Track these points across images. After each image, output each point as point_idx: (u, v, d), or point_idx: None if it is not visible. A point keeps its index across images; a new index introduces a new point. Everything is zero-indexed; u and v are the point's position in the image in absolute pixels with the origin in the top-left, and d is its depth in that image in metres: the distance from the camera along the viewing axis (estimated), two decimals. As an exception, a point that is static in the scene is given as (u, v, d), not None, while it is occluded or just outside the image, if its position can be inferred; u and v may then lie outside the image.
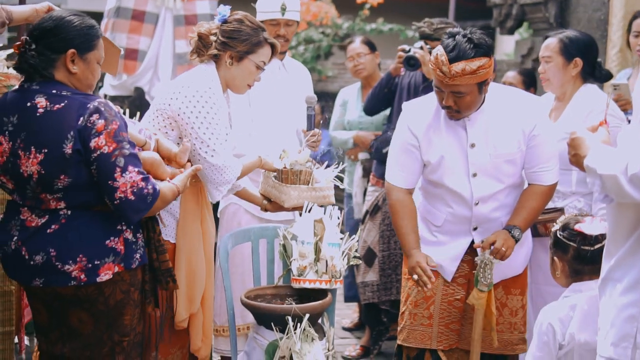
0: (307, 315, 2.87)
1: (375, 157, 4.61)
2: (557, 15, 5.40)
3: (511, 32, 6.09)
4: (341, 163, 3.47)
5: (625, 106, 3.56)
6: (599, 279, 2.25)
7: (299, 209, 3.28)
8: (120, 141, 2.48)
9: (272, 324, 2.90)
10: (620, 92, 3.58)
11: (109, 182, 2.46)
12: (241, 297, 3.07)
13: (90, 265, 2.49)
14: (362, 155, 4.94)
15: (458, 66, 2.86)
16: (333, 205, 3.25)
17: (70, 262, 2.48)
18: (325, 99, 8.12)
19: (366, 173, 4.91)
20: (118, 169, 2.46)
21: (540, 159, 3.09)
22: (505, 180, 3.10)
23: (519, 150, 3.06)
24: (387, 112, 4.80)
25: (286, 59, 4.07)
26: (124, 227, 2.58)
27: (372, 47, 5.01)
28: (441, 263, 3.17)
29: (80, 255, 2.48)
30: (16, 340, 3.39)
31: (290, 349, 2.84)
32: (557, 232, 2.77)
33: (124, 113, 2.90)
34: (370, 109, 4.69)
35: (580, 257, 2.70)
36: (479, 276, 3.02)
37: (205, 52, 3.09)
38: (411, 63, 4.26)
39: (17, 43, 2.53)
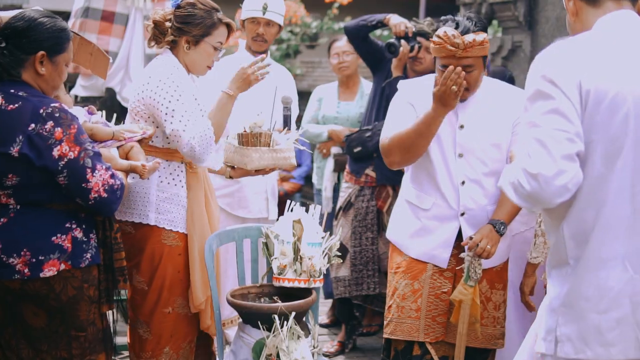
0: (294, 314, 2.89)
1: (348, 153, 4.66)
2: (526, 13, 5.48)
3: (481, 30, 6.15)
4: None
5: None
6: None
7: (262, 172, 3.37)
8: (82, 143, 2.51)
9: (258, 322, 2.91)
10: None
11: (83, 184, 2.49)
12: (227, 296, 3.08)
13: (34, 260, 2.51)
14: (335, 149, 5.01)
15: (469, 37, 2.97)
16: (293, 167, 3.28)
17: (15, 255, 2.50)
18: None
19: (337, 167, 4.97)
20: (88, 170, 2.49)
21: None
22: (489, 164, 3.15)
23: (505, 137, 3.15)
24: (363, 109, 4.84)
25: (267, 60, 4.06)
26: (74, 226, 2.60)
27: None
28: (433, 252, 3.19)
29: (25, 250, 2.51)
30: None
31: (277, 347, 2.87)
32: None
33: (101, 116, 2.90)
34: (351, 30, 4.63)
35: None
36: (470, 272, 3.05)
37: (163, 39, 3.13)
38: (391, 50, 4.35)
39: None
